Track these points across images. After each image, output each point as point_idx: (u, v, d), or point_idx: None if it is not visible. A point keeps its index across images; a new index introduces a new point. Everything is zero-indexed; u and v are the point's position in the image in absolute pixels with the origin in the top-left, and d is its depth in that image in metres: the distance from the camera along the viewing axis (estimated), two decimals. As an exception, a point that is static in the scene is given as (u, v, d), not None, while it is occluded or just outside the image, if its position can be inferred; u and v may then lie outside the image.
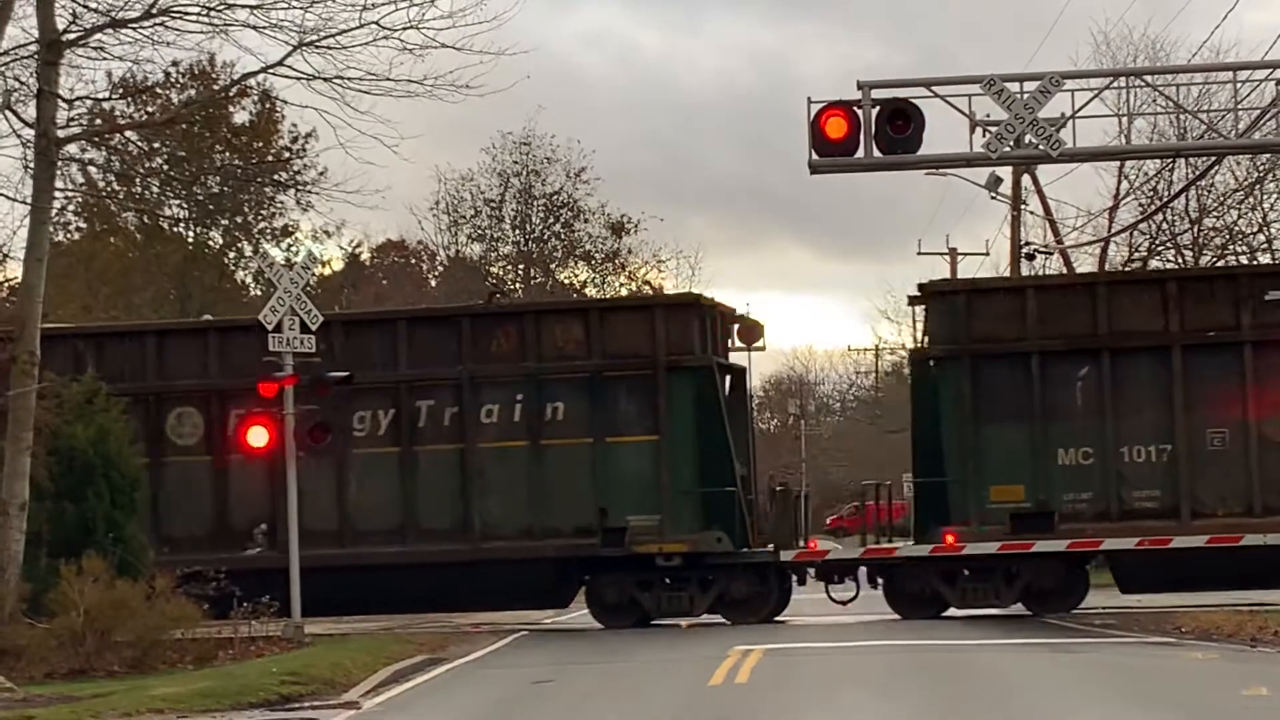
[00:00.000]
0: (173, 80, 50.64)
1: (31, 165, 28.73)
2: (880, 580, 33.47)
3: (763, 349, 36.21)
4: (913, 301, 36.04)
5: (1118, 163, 51.12)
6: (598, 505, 33.15)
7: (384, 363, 33.83)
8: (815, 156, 29.22)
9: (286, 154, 56.60)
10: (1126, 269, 50.42)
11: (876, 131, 28.94)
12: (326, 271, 64.24)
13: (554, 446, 33.42)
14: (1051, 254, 53.05)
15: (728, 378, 34.78)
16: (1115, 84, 31.76)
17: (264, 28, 29.20)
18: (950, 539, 32.51)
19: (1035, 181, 51.53)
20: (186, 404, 34.10)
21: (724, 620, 33.29)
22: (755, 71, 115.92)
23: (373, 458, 33.77)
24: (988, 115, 29.45)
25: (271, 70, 29.95)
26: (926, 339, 34.61)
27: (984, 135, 29.21)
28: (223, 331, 35.03)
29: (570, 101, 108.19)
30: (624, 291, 66.19)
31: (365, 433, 33.71)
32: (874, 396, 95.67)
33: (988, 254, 63.07)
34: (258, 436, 30.79)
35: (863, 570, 33.89)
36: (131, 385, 33.65)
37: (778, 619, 33.55)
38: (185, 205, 55.90)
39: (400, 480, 33.63)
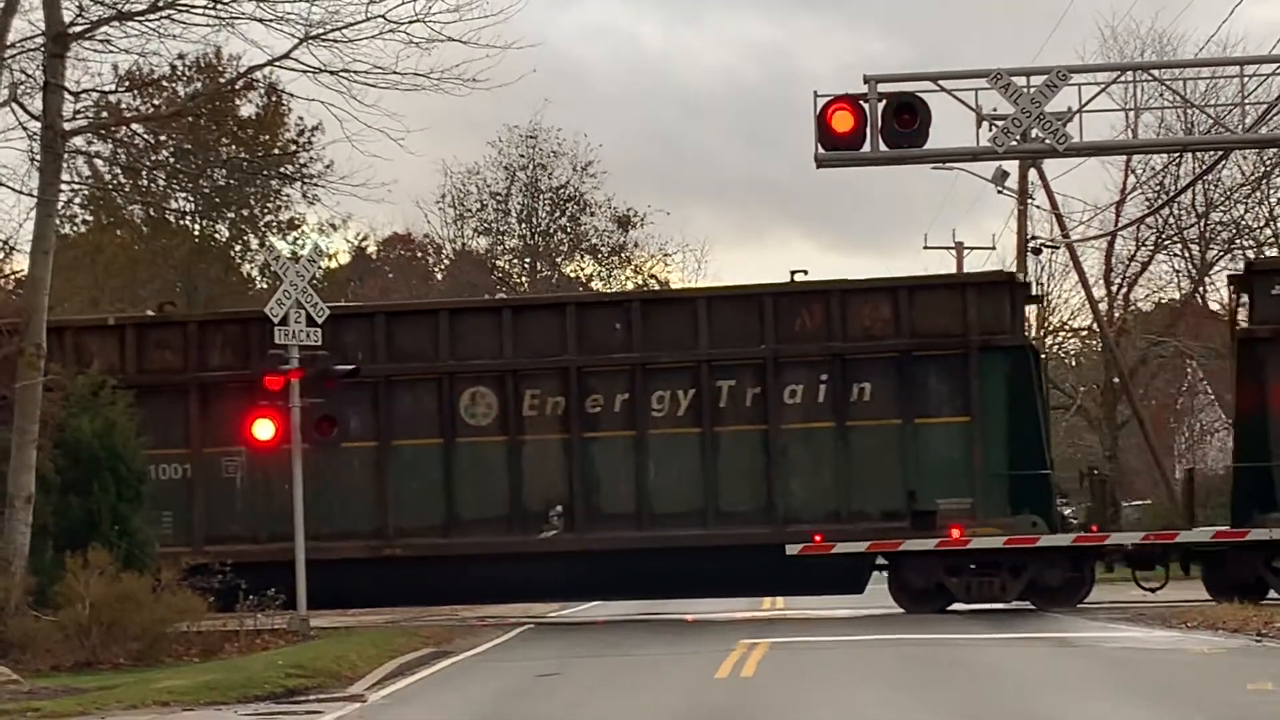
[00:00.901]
0: (179, 73, 50.62)
1: (38, 158, 28.75)
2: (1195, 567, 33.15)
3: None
4: (1235, 281, 35.21)
5: (1124, 157, 51.14)
6: (906, 488, 32.72)
7: (683, 342, 33.31)
8: (822, 150, 29.25)
9: (293, 147, 56.52)
10: None
11: (883, 125, 28.95)
12: (333, 265, 64.23)
13: (860, 428, 32.93)
14: (1058, 248, 53.02)
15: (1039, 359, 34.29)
16: (1122, 78, 31.75)
17: (270, 21, 29.21)
18: None
19: (1042, 175, 51.45)
20: (481, 384, 33.73)
21: (1032, 606, 32.81)
22: (756, 64, 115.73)
23: (671, 439, 33.28)
24: (994, 109, 29.47)
25: (278, 63, 29.96)
26: (1250, 319, 33.77)
27: (990, 129, 29.22)
28: (517, 310, 34.51)
29: (570, 95, 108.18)
30: (629, 285, 66.20)
31: (664, 413, 33.20)
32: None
33: (994, 248, 63.11)
34: (264, 429, 30.73)
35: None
36: (424, 365, 33.44)
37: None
38: (191, 198, 55.84)
39: (700, 462, 33.11)
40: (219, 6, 28.98)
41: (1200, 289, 55.42)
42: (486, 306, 34.97)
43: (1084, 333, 61.11)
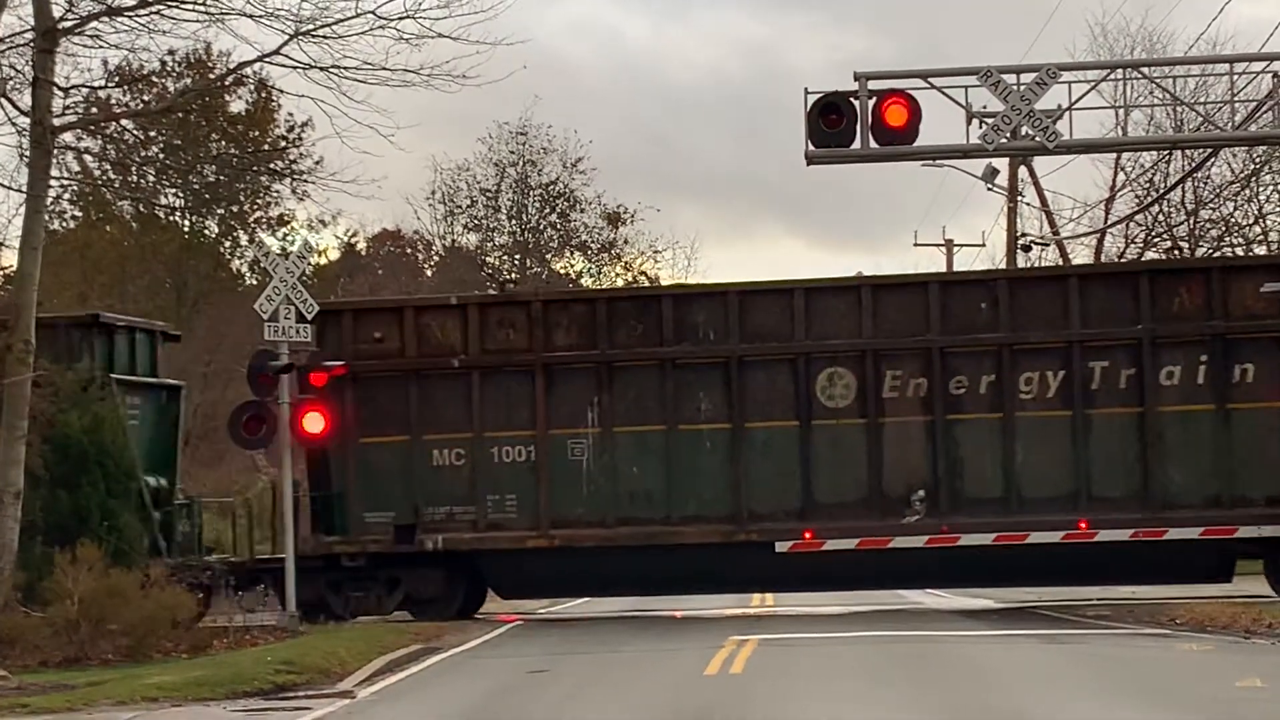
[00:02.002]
0: (169, 69, 50.58)
1: (27, 153, 28.74)
2: None
3: None
4: None
5: (1114, 154, 51.21)
6: None
7: (1054, 322, 32.54)
8: (812, 147, 29.25)
9: (283, 143, 56.53)
10: None
11: (873, 123, 28.96)
12: (322, 261, 64.20)
13: (1242, 410, 32.09)
14: (1048, 245, 53.11)
15: None
16: (1112, 76, 31.86)
17: (260, 17, 29.20)
18: None
19: (1032, 173, 51.59)
20: (838, 364, 33.03)
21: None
22: (743, 61, 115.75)
23: (1040, 421, 32.56)
24: (984, 107, 29.48)
25: (268, 59, 29.93)
26: None
27: (980, 127, 29.23)
28: (876, 288, 33.54)
29: (556, 91, 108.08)
30: (620, 283, 66.18)
31: (1033, 395, 32.47)
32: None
33: (984, 245, 63.27)
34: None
35: None
36: (779, 345, 32.84)
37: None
38: (181, 194, 55.78)
39: (1070, 446, 32.35)
40: (209, 2, 28.98)
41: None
42: (844, 285, 33.68)
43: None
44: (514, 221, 68.44)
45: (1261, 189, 52.40)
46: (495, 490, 32.63)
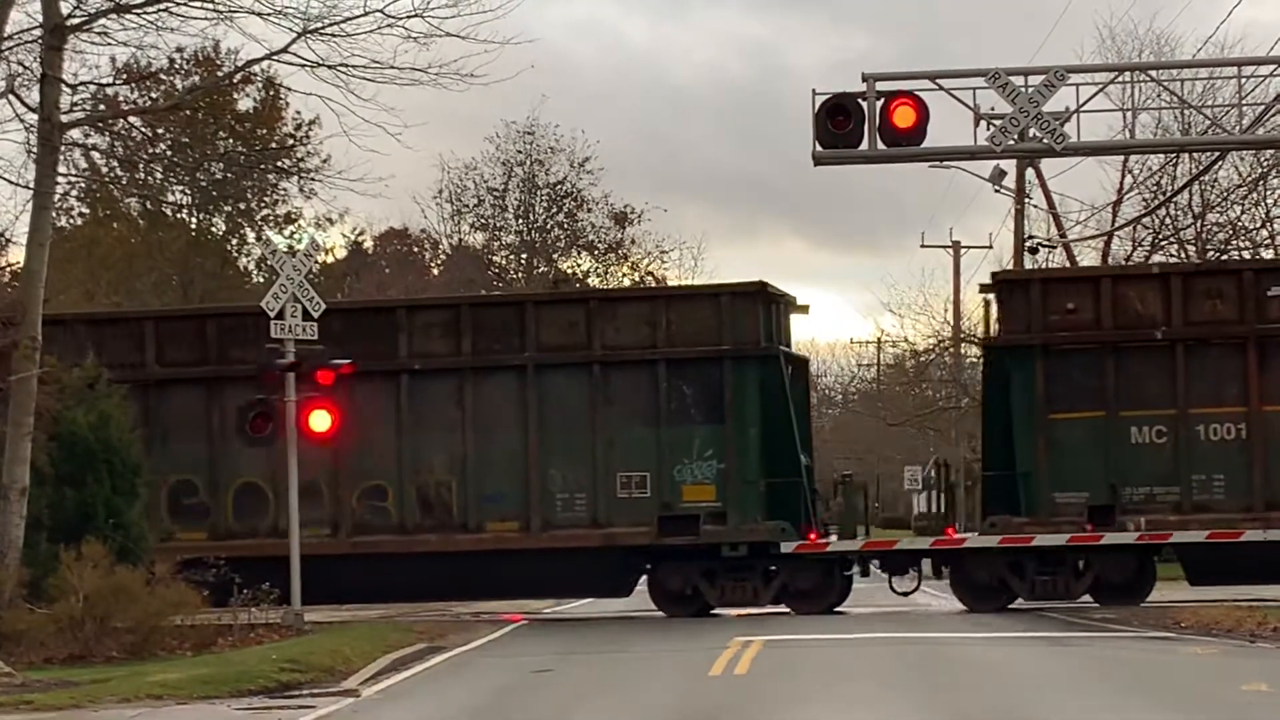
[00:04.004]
0: (177, 66, 50.68)
1: (35, 150, 28.72)
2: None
3: None
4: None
5: (1122, 157, 51.09)
6: None
7: None
8: (819, 148, 29.22)
9: (290, 141, 56.59)
10: None
11: (881, 124, 28.93)
12: (329, 259, 64.23)
13: None
14: (1055, 248, 53.02)
15: None
16: (1120, 78, 31.78)
17: (268, 15, 29.21)
18: None
19: (1039, 175, 51.46)
20: None
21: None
22: (744, 61, 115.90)
23: None
24: (992, 108, 29.45)
25: (276, 57, 29.94)
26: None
27: (988, 128, 29.20)
28: (1187, 277, 33.05)
29: (558, 90, 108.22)
30: (626, 282, 66.18)
31: None
32: (876, 390, 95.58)
33: (990, 247, 63.17)
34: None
35: None
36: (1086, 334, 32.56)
37: None
38: (188, 191, 55.86)
39: None
40: (217, 0, 28.98)
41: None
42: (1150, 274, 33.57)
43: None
44: (521, 221, 68.47)
45: (1269, 192, 52.33)
46: (1203, 469, 31.81)
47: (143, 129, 39.89)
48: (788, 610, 33.07)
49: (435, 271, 70.93)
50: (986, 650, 24.52)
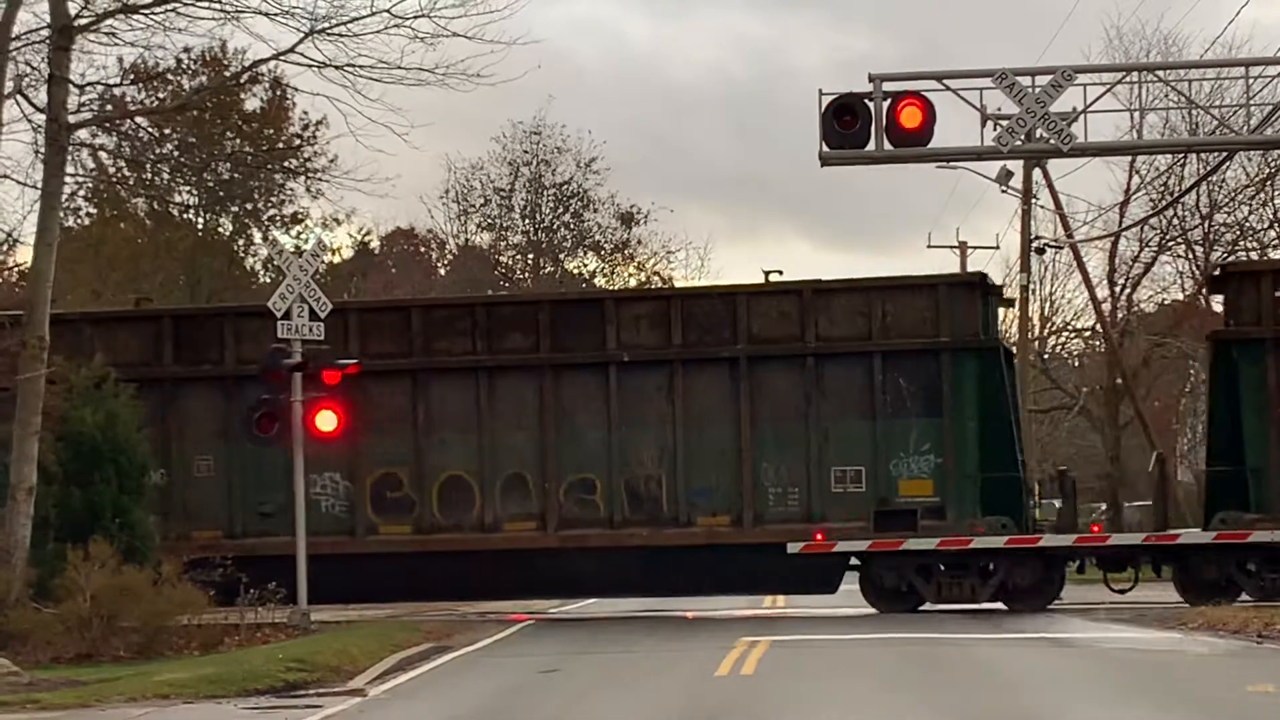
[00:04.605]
0: (184, 67, 50.64)
1: (42, 150, 28.78)
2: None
3: None
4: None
5: (1129, 157, 51.07)
6: None
7: None
8: (826, 149, 29.22)
9: (297, 141, 56.59)
10: None
11: (888, 124, 28.93)
12: (335, 260, 64.26)
13: None
14: (1062, 248, 53.01)
15: None
16: (1127, 79, 31.71)
17: (276, 15, 29.27)
18: None
19: (1046, 175, 51.41)
20: None
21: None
22: (745, 60, 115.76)
23: None
24: (999, 109, 29.45)
25: (283, 57, 29.99)
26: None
27: (995, 129, 29.19)
28: None
29: (559, 89, 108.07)
30: (633, 283, 66.15)
31: None
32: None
33: (998, 248, 63.10)
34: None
35: None
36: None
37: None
38: (195, 191, 55.91)
39: None
40: (224, 0, 29.01)
41: (1204, 290, 55.33)
42: None
43: (1087, 333, 61.09)
44: (527, 221, 68.47)
45: (1277, 193, 52.27)
46: None
47: (150, 129, 39.97)
48: (958, 610, 32.53)
49: (442, 271, 70.95)
50: (991, 650, 24.50)
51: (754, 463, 33.06)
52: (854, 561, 33.13)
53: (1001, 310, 35.28)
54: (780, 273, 37.21)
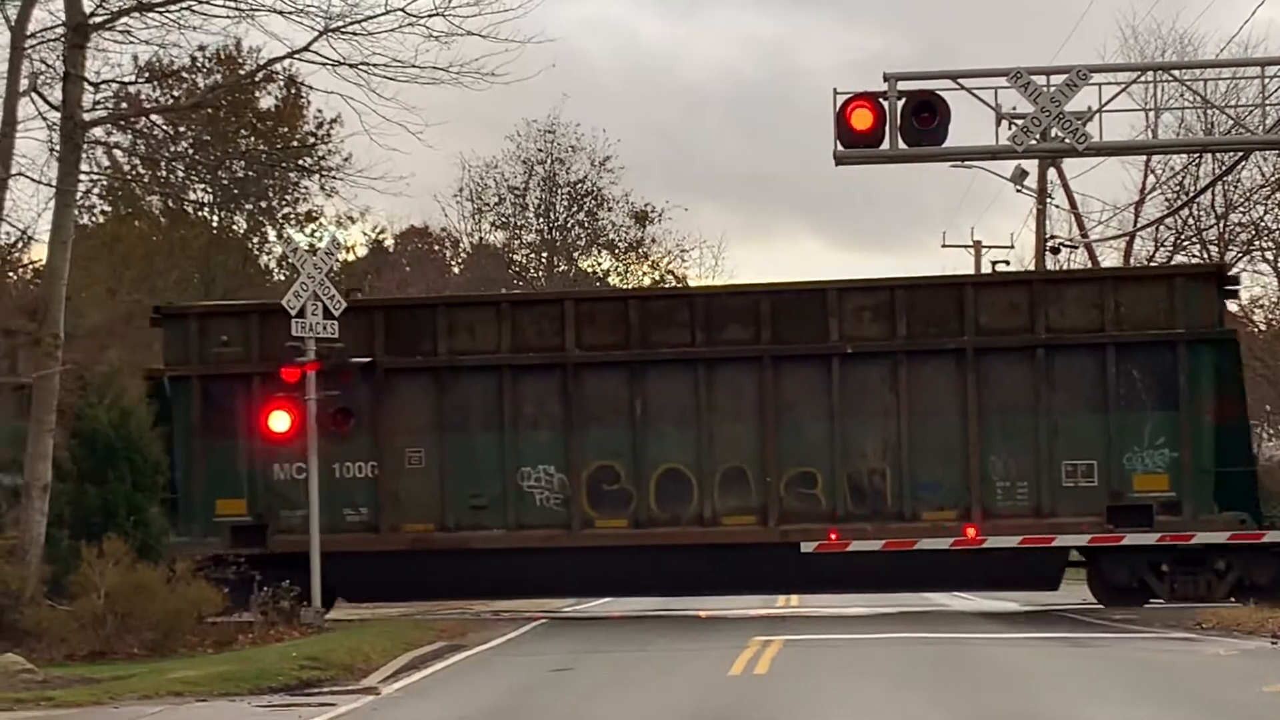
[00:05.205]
0: (199, 65, 50.68)
1: (57, 148, 28.81)
2: None
3: None
4: None
5: (1144, 157, 51.03)
6: None
7: None
8: (840, 148, 29.21)
9: (311, 139, 56.61)
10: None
11: (902, 124, 28.90)
12: (350, 257, 64.27)
13: None
14: (1077, 248, 52.96)
15: None
16: (1142, 78, 31.67)
17: (290, 13, 29.29)
18: None
19: (1061, 175, 51.41)
20: None
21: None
22: (756, 60, 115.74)
23: None
24: (1014, 108, 29.41)
25: (297, 56, 30.00)
26: None
27: (1010, 128, 29.16)
28: None
29: (571, 89, 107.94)
30: (647, 282, 66.12)
31: None
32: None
33: (1012, 247, 63.07)
34: (280, 421, 30.71)
35: None
36: None
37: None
38: (210, 189, 55.93)
39: None
40: (239, -1, 29.04)
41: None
42: None
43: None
44: (542, 219, 68.47)
45: (1292, 193, 52.19)
46: None
47: (164, 127, 39.99)
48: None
49: (456, 270, 70.96)
50: (1004, 650, 24.48)
51: (982, 456, 32.56)
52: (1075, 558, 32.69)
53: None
54: (1007, 263, 36.42)
